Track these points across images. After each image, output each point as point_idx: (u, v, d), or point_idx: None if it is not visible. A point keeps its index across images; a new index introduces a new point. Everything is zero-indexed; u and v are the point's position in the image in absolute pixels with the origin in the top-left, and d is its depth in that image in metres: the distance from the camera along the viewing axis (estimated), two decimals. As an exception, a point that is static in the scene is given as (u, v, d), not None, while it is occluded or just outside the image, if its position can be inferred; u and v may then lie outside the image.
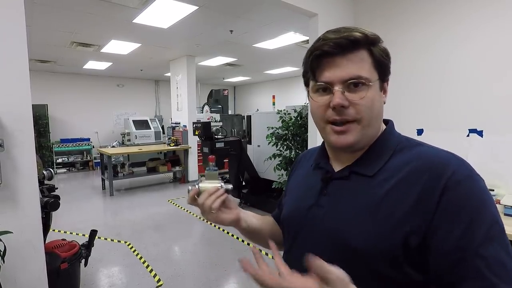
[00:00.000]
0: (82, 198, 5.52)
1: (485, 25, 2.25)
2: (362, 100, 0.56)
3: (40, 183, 2.20)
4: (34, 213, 1.49)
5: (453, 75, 2.43)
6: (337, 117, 0.58)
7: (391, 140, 0.62)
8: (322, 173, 0.67)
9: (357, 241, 0.54)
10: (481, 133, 2.33)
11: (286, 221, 0.73)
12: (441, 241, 0.50)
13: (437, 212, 0.50)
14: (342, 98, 0.56)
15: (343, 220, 0.58)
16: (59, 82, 8.24)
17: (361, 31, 0.57)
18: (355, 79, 0.56)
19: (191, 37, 5.00)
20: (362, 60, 0.57)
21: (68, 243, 2.31)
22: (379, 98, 0.60)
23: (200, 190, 0.69)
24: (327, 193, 0.63)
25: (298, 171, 0.80)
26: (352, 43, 0.56)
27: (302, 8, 2.63)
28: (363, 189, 0.59)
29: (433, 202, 0.51)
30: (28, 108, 1.46)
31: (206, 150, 4.57)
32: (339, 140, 0.59)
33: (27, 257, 1.49)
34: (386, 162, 0.59)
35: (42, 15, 3.86)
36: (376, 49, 0.58)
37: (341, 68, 0.57)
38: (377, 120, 0.61)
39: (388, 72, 0.61)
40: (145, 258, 3.12)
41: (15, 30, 1.40)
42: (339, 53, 0.56)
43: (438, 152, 0.57)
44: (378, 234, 0.53)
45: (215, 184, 0.69)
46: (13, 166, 1.41)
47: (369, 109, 0.57)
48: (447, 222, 0.50)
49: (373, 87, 0.57)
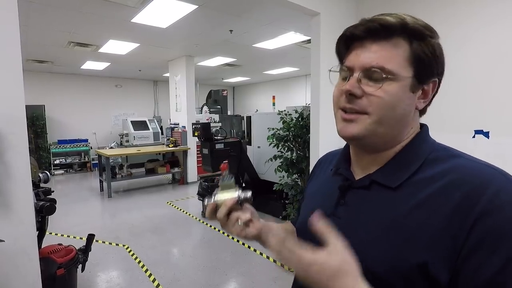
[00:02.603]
0: (79, 200, 5.45)
1: (491, 25, 2.21)
2: (378, 92, 0.50)
3: (36, 186, 2.14)
4: (28, 220, 1.44)
5: (458, 76, 2.39)
6: (346, 104, 0.53)
7: (422, 148, 0.54)
8: (340, 180, 0.61)
9: (375, 264, 0.49)
10: (487, 134, 2.29)
11: (300, 230, 0.68)
12: (471, 273, 0.43)
13: (470, 239, 0.43)
14: (354, 85, 0.51)
15: (360, 238, 0.52)
16: (57, 83, 8.17)
17: (401, 17, 0.50)
18: (376, 68, 0.50)
19: (190, 37, 4.95)
20: (395, 50, 0.50)
21: (64, 248, 2.25)
22: (405, 98, 0.51)
23: (218, 203, 0.63)
24: (345, 202, 0.58)
25: (318, 175, 0.75)
26: (383, 28, 0.50)
27: (304, 7, 2.58)
28: (384, 203, 0.52)
29: (465, 226, 0.44)
30: (21, 110, 1.40)
31: (205, 151, 4.51)
32: (344, 128, 0.54)
33: (21, 265, 1.43)
34: (414, 173, 0.52)
35: (39, 14, 3.80)
36: (419, 42, 0.50)
37: (366, 53, 0.51)
38: (397, 122, 0.53)
39: (433, 73, 0.52)
40: (144, 262, 3.06)
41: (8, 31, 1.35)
42: (368, 37, 0.51)
43: (479, 167, 0.49)
44: (398, 253, 0.47)
45: (232, 195, 0.63)
46: (6, 171, 1.35)
47: (386, 105, 0.50)
48: (481, 252, 0.43)
49: (399, 83, 0.50)
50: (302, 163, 3.60)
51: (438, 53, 0.51)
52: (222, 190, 0.64)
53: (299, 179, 3.74)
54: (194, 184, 6.45)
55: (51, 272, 2.01)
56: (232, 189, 0.64)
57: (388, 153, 0.56)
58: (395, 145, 0.55)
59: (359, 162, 0.60)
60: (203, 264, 3.05)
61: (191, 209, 4.82)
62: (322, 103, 2.73)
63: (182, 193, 5.89)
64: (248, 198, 0.64)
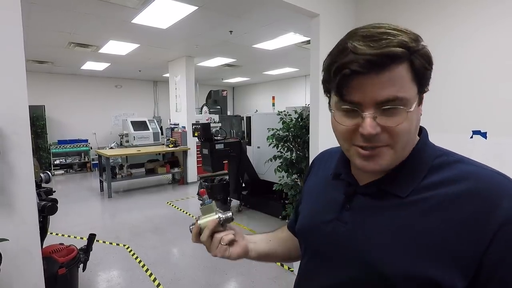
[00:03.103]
0: (79, 200, 5.46)
1: (490, 25, 2.23)
2: (399, 126, 0.47)
3: (38, 186, 2.15)
4: (31, 219, 1.45)
5: (456, 76, 2.41)
6: (365, 144, 0.49)
7: (427, 154, 0.54)
8: (343, 185, 0.60)
9: (386, 267, 0.49)
10: (485, 135, 2.30)
11: (302, 234, 0.68)
12: (498, 284, 0.43)
13: (492, 250, 0.43)
14: (374, 126, 0.47)
15: (371, 242, 0.52)
16: (57, 83, 8.18)
17: (402, 41, 0.45)
18: (391, 101, 0.46)
19: (190, 37, 4.96)
20: (401, 75, 0.46)
21: (66, 248, 2.27)
22: (417, 116, 0.51)
23: (201, 227, 0.66)
24: (351, 208, 0.57)
25: (314, 176, 0.74)
26: (391, 60, 0.45)
27: (304, 8, 2.59)
28: (394, 209, 0.52)
29: (485, 236, 0.44)
30: (25, 110, 1.42)
31: (205, 151, 4.53)
32: (367, 166, 0.51)
33: (23, 264, 1.44)
34: (422, 180, 0.51)
35: (39, 15, 3.81)
36: (418, 58, 0.47)
37: (375, 88, 0.46)
38: (413, 140, 0.53)
39: (429, 80, 0.51)
40: (144, 262, 3.07)
41: (11, 32, 1.36)
42: (372, 72, 0.45)
43: (490, 174, 0.49)
44: (411, 261, 0.47)
45: (213, 218, 0.66)
46: (9, 171, 1.37)
47: (407, 133, 0.49)
48: (506, 262, 0.43)
49: (411, 105, 0.48)
50: (302, 163, 3.62)
51: (430, 60, 0.50)
52: (204, 214, 0.67)
53: (298, 179, 3.75)
54: (194, 184, 6.47)
55: (53, 271, 2.03)
56: (212, 212, 0.67)
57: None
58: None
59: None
60: (203, 263, 3.06)
61: (191, 209, 4.83)
62: (321, 104, 2.75)
63: (182, 193, 5.90)
64: (229, 218, 0.67)
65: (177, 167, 6.70)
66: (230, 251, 0.66)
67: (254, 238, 0.75)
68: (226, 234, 0.66)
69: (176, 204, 5.15)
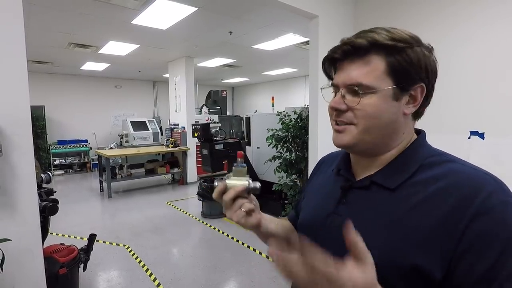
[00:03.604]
0: (79, 200, 5.47)
1: (488, 26, 2.25)
2: (359, 105, 0.55)
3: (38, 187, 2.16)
4: (33, 219, 1.47)
5: (454, 77, 2.42)
6: (335, 118, 0.59)
7: (419, 153, 0.59)
8: (342, 180, 0.65)
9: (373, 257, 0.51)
10: (482, 135, 2.32)
11: (302, 227, 0.71)
12: (465, 271, 0.47)
13: (464, 240, 0.47)
14: (338, 101, 0.58)
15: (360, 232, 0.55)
16: (56, 83, 8.19)
17: (371, 36, 0.54)
18: (354, 85, 0.55)
19: (190, 38, 4.98)
20: (369, 66, 0.55)
21: (66, 248, 2.28)
22: (389, 107, 0.56)
23: (228, 186, 0.65)
24: (346, 201, 0.62)
25: (319, 175, 0.78)
26: (355, 49, 0.55)
27: (303, 9, 2.61)
28: (383, 202, 0.56)
29: (460, 227, 0.47)
30: (26, 111, 1.43)
31: (205, 152, 4.55)
32: (336, 138, 0.60)
33: (25, 264, 1.46)
34: (411, 176, 0.56)
35: (39, 15, 3.82)
36: (393, 55, 0.54)
37: (345, 72, 0.57)
38: (384, 129, 0.57)
39: (415, 79, 0.55)
40: (145, 262, 3.09)
41: (13, 33, 1.37)
42: (345, 58, 0.57)
43: (473, 171, 0.53)
44: (395, 250, 0.51)
45: (242, 182, 0.65)
46: (11, 171, 1.38)
47: (369, 115, 0.56)
48: (474, 251, 0.47)
49: (379, 94, 0.55)
50: (301, 163, 3.64)
51: (415, 60, 0.54)
52: (234, 176, 0.66)
53: (298, 180, 3.77)
54: (194, 184, 6.48)
55: (54, 271, 2.04)
56: (243, 176, 0.66)
57: (385, 157, 0.60)
58: (390, 149, 0.59)
59: (358, 164, 0.64)
60: (203, 263, 3.08)
61: (191, 209, 4.85)
62: (320, 104, 2.76)
63: (181, 193, 5.92)
64: (256, 188, 0.66)
65: (177, 167, 6.71)
66: (245, 220, 0.66)
67: (267, 216, 0.76)
68: (248, 202, 0.66)
69: (176, 204, 5.16)
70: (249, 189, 0.65)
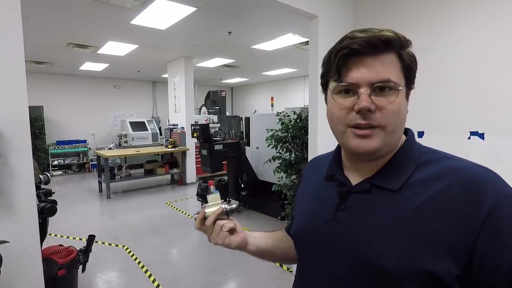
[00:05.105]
0: (78, 201, 5.45)
1: (487, 26, 2.25)
2: (391, 105, 0.52)
3: (37, 188, 2.15)
4: (31, 221, 1.45)
5: (454, 77, 2.42)
6: (361, 121, 0.52)
7: (414, 151, 0.58)
8: (337, 186, 0.62)
9: (385, 262, 0.50)
10: (482, 136, 2.32)
11: (298, 237, 0.68)
12: (493, 266, 0.47)
13: (483, 235, 0.47)
14: (369, 101, 0.51)
15: (368, 238, 0.54)
16: (55, 84, 8.16)
17: (393, 31, 0.53)
18: (385, 82, 0.51)
19: (189, 38, 4.97)
20: (392, 63, 0.53)
21: (65, 249, 2.27)
22: (405, 106, 0.55)
23: (206, 214, 0.70)
24: (346, 208, 0.58)
25: (306, 181, 0.76)
26: (384, 43, 0.52)
27: (303, 10, 2.60)
28: (388, 205, 0.54)
29: (476, 223, 0.47)
30: (25, 112, 1.42)
31: (204, 152, 4.54)
32: (361, 145, 0.53)
33: (23, 266, 1.45)
34: (411, 175, 0.55)
35: (38, 15, 3.81)
36: (406, 53, 0.54)
37: (371, 69, 0.52)
38: (401, 128, 0.57)
39: (414, 79, 0.57)
40: (144, 263, 3.07)
41: (11, 34, 1.36)
42: (369, 53, 0.52)
43: (474, 168, 0.53)
44: (408, 254, 0.49)
45: (219, 206, 0.70)
46: (9, 173, 1.37)
47: (397, 115, 0.53)
48: (496, 247, 0.47)
49: (401, 93, 0.53)
50: (301, 164, 3.63)
51: (416, 59, 0.56)
52: (210, 203, 0.71)
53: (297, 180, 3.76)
54: (193, 184, 6.47)
55: (52, 272, 2.03)
56: (218, 201, 0.71)
57: (383, 159, 0.58)
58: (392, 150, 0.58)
59: (354, 167, 0.61)
60: (203, 264, 3.07)
61: (190, 210, 4.84)
62: (320, 105, 2.76)
63: (181, 193, 5.91)
64: (234, 209, 0.71)
65: (176, 168, 6.70)
66: (230, 239, 0.69)
67: (254, 233, 0.77)
68: (228, 222, 0.70)
69: (175, 204, 5.15)
70: (227, 210, 0.70)
